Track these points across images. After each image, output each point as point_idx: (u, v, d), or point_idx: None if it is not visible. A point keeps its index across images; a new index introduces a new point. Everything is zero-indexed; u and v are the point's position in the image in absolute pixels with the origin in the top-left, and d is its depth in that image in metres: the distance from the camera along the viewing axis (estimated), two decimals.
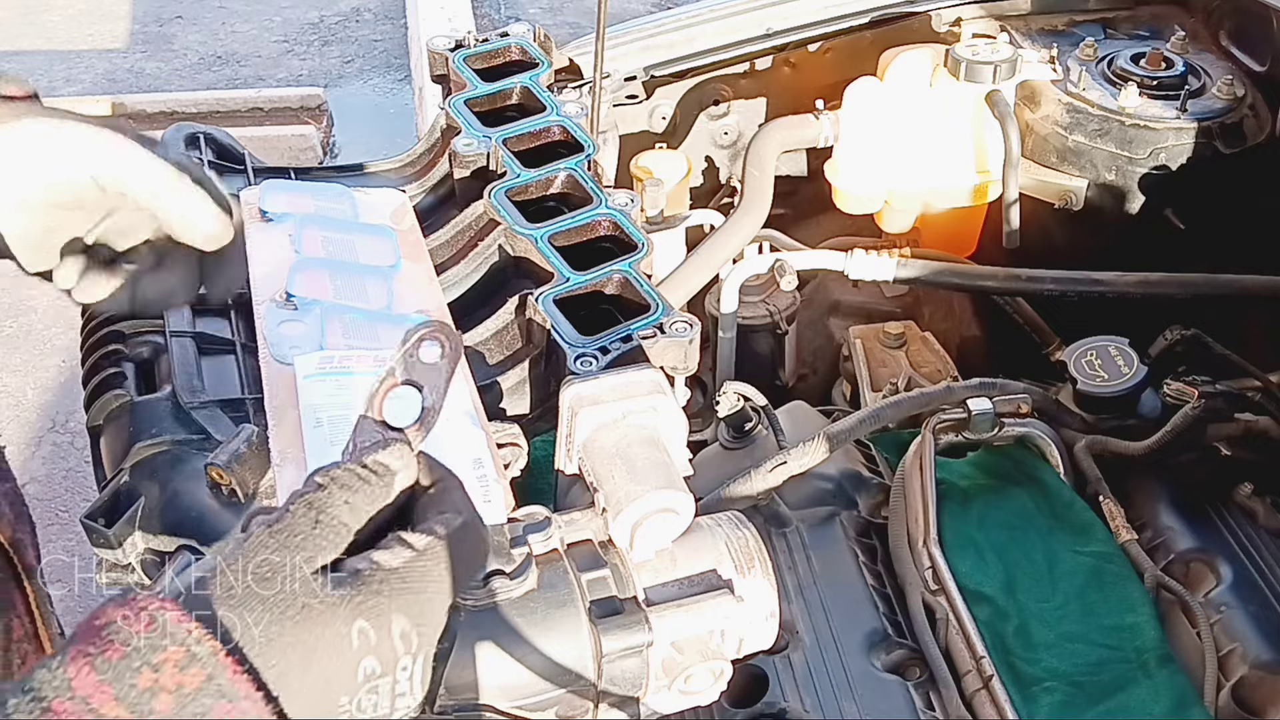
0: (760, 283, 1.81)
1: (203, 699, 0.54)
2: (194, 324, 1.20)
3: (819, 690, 1.23)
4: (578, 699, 0.90)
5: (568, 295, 1.13)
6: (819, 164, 1.95)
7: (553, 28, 2.99)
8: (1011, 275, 1.78)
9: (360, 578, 0.59)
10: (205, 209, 0.83)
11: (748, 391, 1.46)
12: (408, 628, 0.60)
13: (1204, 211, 1.82)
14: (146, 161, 0.81)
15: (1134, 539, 1.41)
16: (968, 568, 1.35)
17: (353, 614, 0.58)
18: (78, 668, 0.54)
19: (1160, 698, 1.25)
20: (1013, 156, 1.81)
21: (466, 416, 0.96)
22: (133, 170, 0.80)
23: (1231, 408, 1.50)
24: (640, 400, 0.96)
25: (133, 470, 1.09)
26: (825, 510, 1.42)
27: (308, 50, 4.94)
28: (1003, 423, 1.48)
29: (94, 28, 4.99)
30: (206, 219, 0.83)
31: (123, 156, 0.80)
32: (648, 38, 1.93)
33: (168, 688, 0.54)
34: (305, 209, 1.20)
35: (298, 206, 1.20)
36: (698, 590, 0.93)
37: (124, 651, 0.54)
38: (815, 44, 2.01)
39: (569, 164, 1.26)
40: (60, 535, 2.79)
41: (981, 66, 1.81)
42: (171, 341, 1.18)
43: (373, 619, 0.58)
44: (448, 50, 1.43)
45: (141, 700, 0.53)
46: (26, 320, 3.52)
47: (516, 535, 0.90)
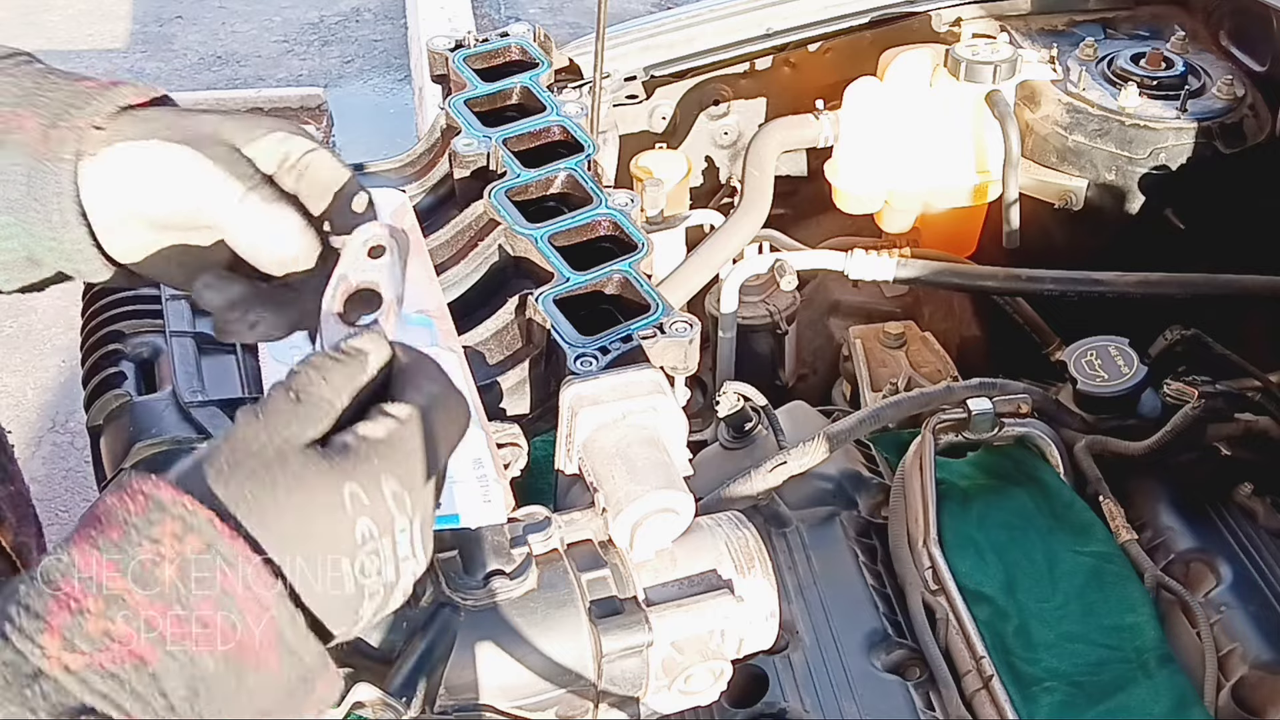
0: (760, 283, 1.81)
1: (205, 564, 0.56)
2: (194, 324, 1.20)
3: (819, 690, 1.23)
4: (578, 699, 0.90)
5: (568, 295, 1.13)
6: (819, 164, 1.95)
7: (553, 28, 2.99)
8: (1011, 275, 1.78)
9: (347, 447, 0.61)
10: (272, 231, 0.73)
11: (748, 391, 1.46)
12: (399, 489, 0.61)
13: (1204, 211, 1.82)
14: (209, 181, 0.73)
15: (1134, 539, 1.41)
16: (968, 568, 1.35)
17: (342, 478, 0.59)
18: (81, 551, 0.55)
19: (1160, 698, 1.25)
20: (1013, 156, 1.81)
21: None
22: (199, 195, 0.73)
23: (1231, 408, 1.51)
24: (640, 400, 0.96)
25: (133, 470, 1.09)
26: (825, 510, 1.42)
27: (308, 50, 4.93)
28: (1003, 423, 1.48)
29: (94, 28, 4.99)
30: (272, 243, 0.73)
31: (190, 181, 0.73)
32: (648, 38, 1.93)
33: (169, 558, 0.55)
34: None
35: None
36: (698, 590, 0.93)
37: (123, 530, 0.56)
38: (815, 44, 2.01)
39: (569, 164, 1.26)
40: (60, 535, 2.79)
41: (981, 66, 1.81)
42: (171, 341, 1.18)
43: (363, 481, 0.60)
44: (448, 50, 1.43)
45: (147, 572, 0.55)
46: (26, 320, 3.52)
47: (516, 535, 0.90)
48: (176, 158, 0.73)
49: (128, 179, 0.74)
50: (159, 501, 0.57)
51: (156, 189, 0.74)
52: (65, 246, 0.75)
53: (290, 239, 0.73)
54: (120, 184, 0.74)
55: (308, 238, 0.74)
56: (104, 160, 0.74)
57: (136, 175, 0.74)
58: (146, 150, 0.74)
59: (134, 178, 0.74)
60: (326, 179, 0.75)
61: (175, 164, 0.73)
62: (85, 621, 0.54)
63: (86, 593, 0.54)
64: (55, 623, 0.53)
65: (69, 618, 0.53)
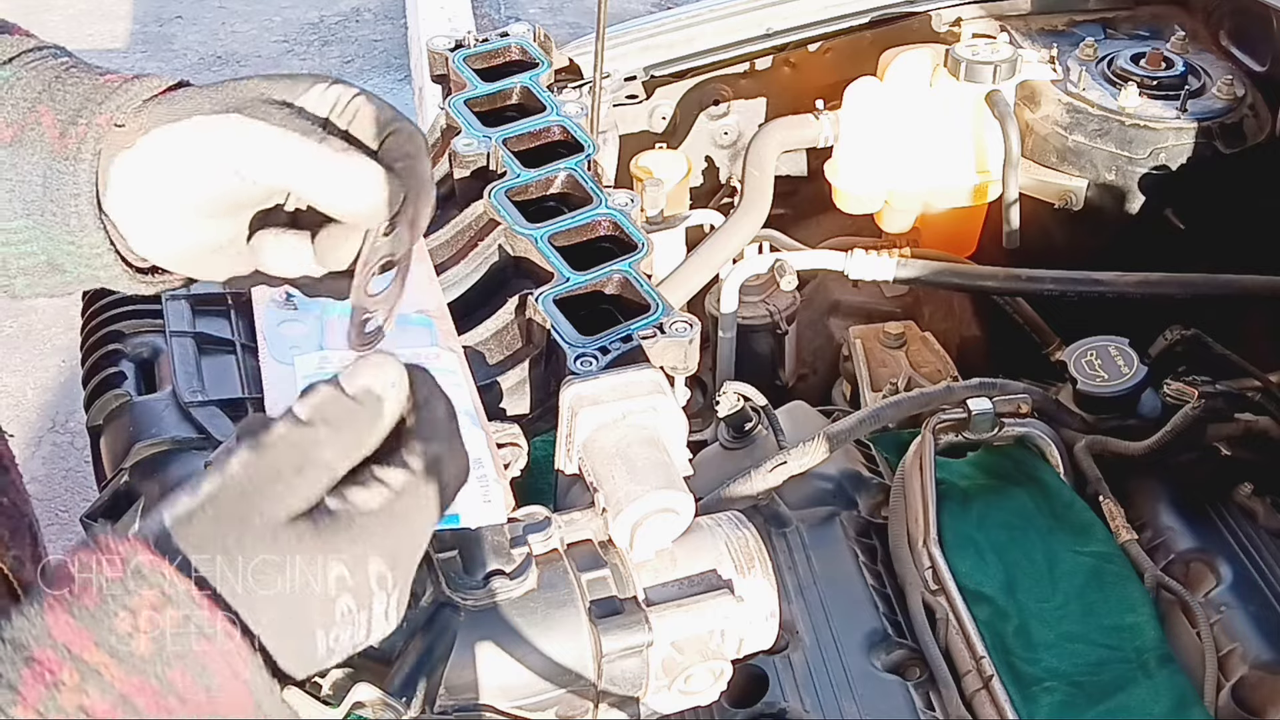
0: (760, 283, 1.81)
1: (182, 639, 0.54)
2: (194, 324, 1.20)
3: (819, 690, 1.23)
4: (578, 699, 0.90)
5: (568, 295, 1.13)
6: (819, 164, 1.95)
7: (553, 28, 2.99)
8: (1011, 275, 1.78)
9: (338, 520, 0.59)
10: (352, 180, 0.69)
11: (748, 391, 1.46)
12: (384, 570, 0.60)
13: (1204, 211, 1.82)
14: (276, 140, 0.68)
15: (1134, 539, 1.41)
16: (968, 568, 1.35)
17: (329, 557, 0.58)
18: (55, 615, 0.53)
19: (1160, 698, 1.25)
20: (1013, 156, 1.81)
21: (466, 416, 0.95)
22: (263, 155, 0.68)
23: (1231, 408, 1.51)
24: (640, 400, 0.96)
25: (133, 470, 1.09)
26: (825, 510, 1.42)
27: (308, 50, 4.93)
28: (1003, 423, 1.48)
29: (94, 28, 4.99)
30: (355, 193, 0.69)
31: (250, 143, 0.68)
32: (648, 38, 1.93)
33: (146, 630, 0.54)
34: None
35: None
36: (698, 590, 0.93)
37: (99, 598, 0.54)
38: (815, 44, 2.01)
39: (569, 164, 1.26)
40: (60, 535, 2.79)
41: (981, 66, 1.81)
42: (171, 341, 1.18)
43: (349, 562, 0.58)
44: (448, 50, 1.43)
45: (122, 644, 0.53)
46: (26, 320, 3.52)
47: (516, 535, 0.90)
48: (226, 128, 0.68)
49: (168, 166, 0.69)
50: (138, 568, 0.54)
51: (202, 169, 0.69)
52: (84, 251, 0.72)
53: (373, 186, 0.69)
54: (158, 174, 0.70)
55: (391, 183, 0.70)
56: (139, 151, 0.69)
57: (178, 159, 0.69)
58: (187, 130, 0.69)
59: (175, 163, 0.69)
60: (377, 120, 0.71)
61: (226, 134, 0.68)
62: (59, 695, 0.52)
63: (61, 663, 0.52)
64: (29, 696, 0.51)
65: (43, 690, 0.52)
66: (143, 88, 0.72)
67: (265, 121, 0.68)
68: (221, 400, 1.12)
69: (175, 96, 0.72)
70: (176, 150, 0.69)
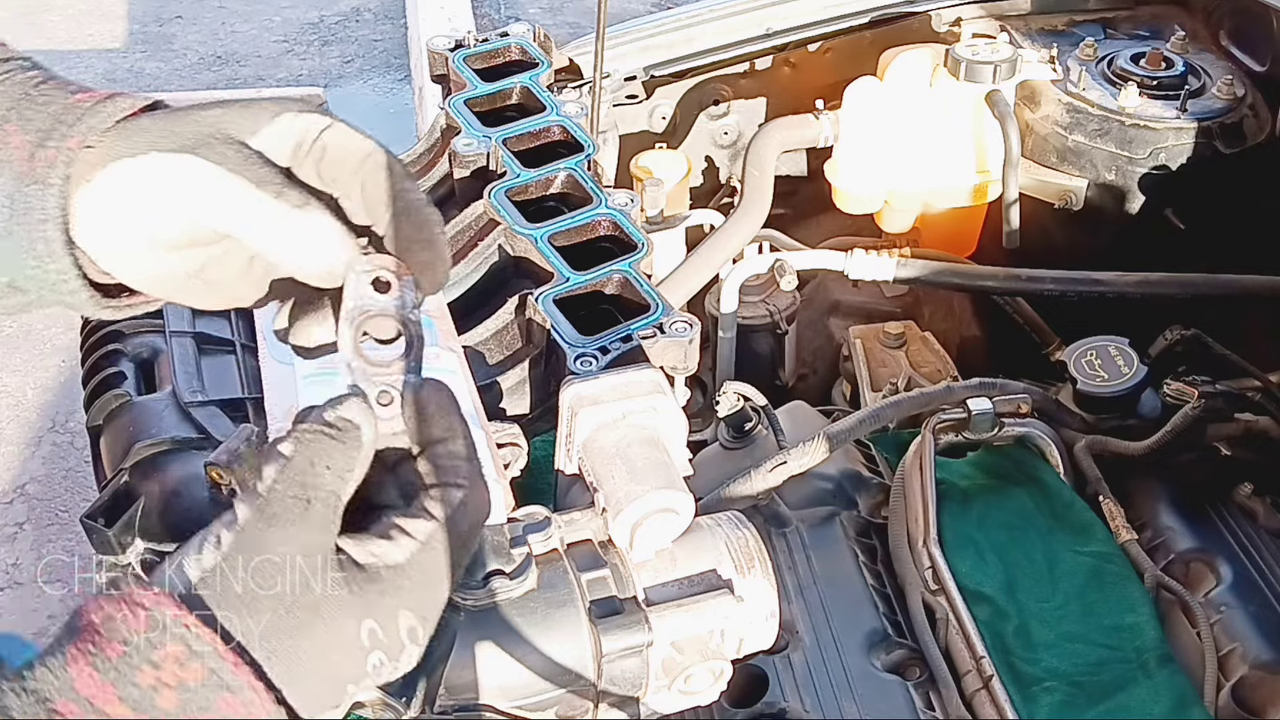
0: (760, 283, 1.81)
1: (206, 693, 0.54)
2: (194, 324, 1.20)
3: (819, 690, 1.23)
4: (578, 699, 0.90)
5: (568, 295, 1.13)
6: (819, 164, 1.95)
7: (553, 28, 2.99)
8: (1011, 275, 1.78)
9: (366, 574, 0.58)
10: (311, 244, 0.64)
11: (748, 391, 1.46)
12: (414, 623, 0.60)
13: (1204, 211, 1.82)
14: (228, 190, 0.64)
15: (1134, 539, 1.41)
16: (968, 568, 1.35)
17: (362, 614, 0.58)
18: (79, 668, 0.53)
19: (1160, 698, 1.25)
20: (1013, 156, 1.81)
21: (466, 416, 0.96)
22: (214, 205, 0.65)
23: (1231, 408, 1.51)
24: (640, 400, 0.96)
25: (133, 470, 1.09)
26: (825, 510, 1.42)
27: (308, 50, 4.93)
28: (1003, 423, 1.48)
29: (94, 28, 4.98)
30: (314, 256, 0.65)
31: (201, 191, 0.65)
32: (648, 38, 1.93)
33: (170, 684, 0.53)
34: None
35: None
36: (698, 590, 0.93)
37: (123, 650, 0.53)
38: (815, 44, 2.01)
39: (569, 164, 1.26)
40: (60, 535, 2.80)
41: (981, 66, 1.81)
42: (171, 341, 1.18)
43: (381, 618, 0.58)
44: (448, 50, 1.43)
45: (145, 698, 0.53)
46: (26, 320, 3.52)
47: (516, 535, 0.90)
48: (180, 170, 0.65)
49: (129, 201, 0.66)
50: (161, 621, 0.54)
51: (164, 208, 0.66)
52: (50, 277, 0.68)
53: (333, 249, 0.65)
54: (121, 208, 0.66)
55: (350, 242, 0.65)
56: (99, 185, 0.66)
57: (138, 196, 0.66)
58: (145, 166, 0.65)
59: (136, 199, 0.66)
60: (349, 157, 0.67)
61: (180, 177, 0.65)
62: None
63: (84, 717, 0.52)
64: None
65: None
66: (115, 108, 0.68)
67: (221, 166, 0.65)
68: (221, 400, 1.12)
69: (139, 126, 0.68)
70: (134, 188, 0.66)
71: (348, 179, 0.67)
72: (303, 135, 0.67)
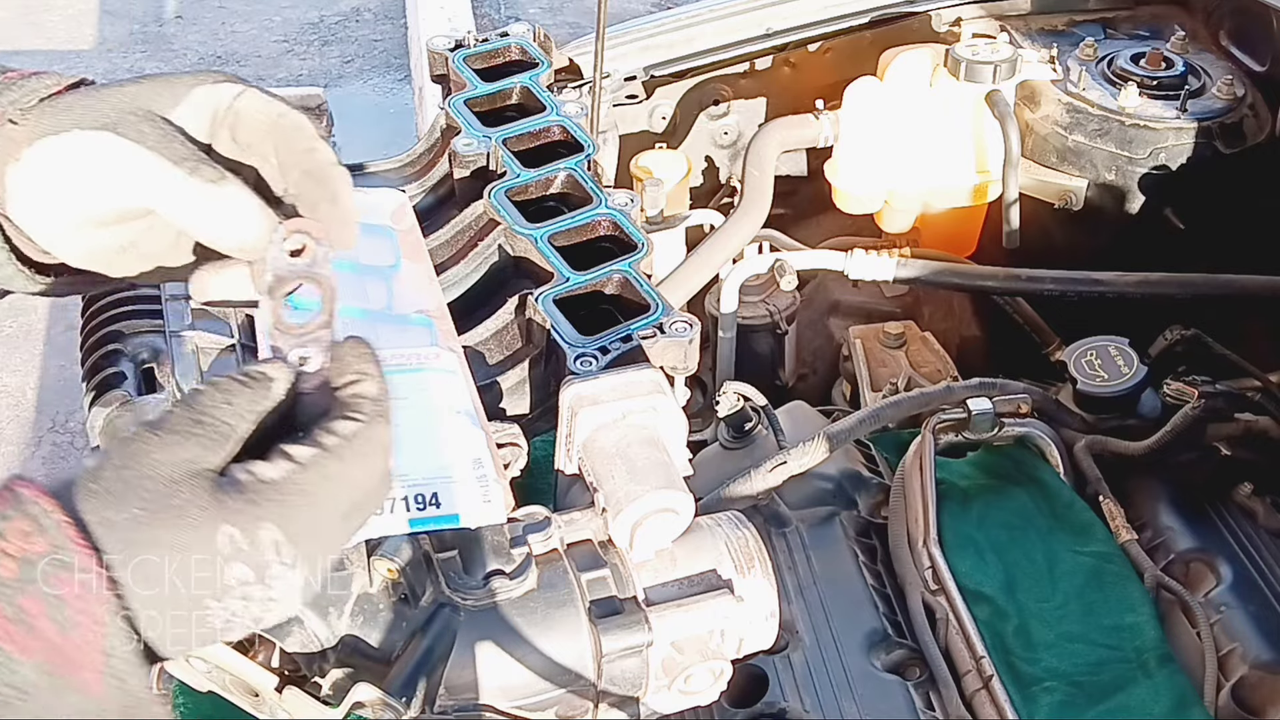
0: (760, 283, 1.81)
1: (43, 566, 0.54)
2: (194, 325, 1.20)
3: (819, 690, 1.23)
4: (578, 699, 0.90)
5: (568, 295, 1.12)
6: (819, 164, 1.95)
7: (553, 28, 2.99)
8: (1011, 275, 1.78)
9: (235, 485, 0.59)
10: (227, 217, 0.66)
11: (748, 391, 1.46)
12: (280, 538, 0.59)
13: (1204, 211, 1.82)
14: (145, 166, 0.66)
15: (1134, 539, 1.41)
16: (968, 568, 1.35)
17: (220, 518, 0.57)
18: None
19: (1160, 698, 1.25)
20: (1013, 156, 1.81)
21: (466, 416, 0.96)
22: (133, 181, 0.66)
23: (1231, 408, 1.51)
24: (640, 400, 0.96)
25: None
26: (825, 510, 1.42)
27: (308, 50, 4.93)
28: (1003, 423, 1.48)
29: (94, 28, 4.99)
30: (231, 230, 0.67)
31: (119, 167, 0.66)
32: (648, 38, 1.93)
33: (12, 554, 0.54)
34: None
35: None
36: (698, 590, 0.93)
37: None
38: (815, 44, 2.01)
39: (569, 164, 1.26)
40: None
41: (981, 66, 1.81)
42: (171, 341, 1.18)
43: (242, 525, 0.58)
44: (448, 50, 1.43)
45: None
46: (26, 320, 3.52)
47: (516, 535, 0.90)
48: (99, 147, 0.66)
49: (56, 179, 0.67)
50: (19, 498, 0.55)
51: (89, 185, 0.67)
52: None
53: (249, 222, 0.66)
54: (49, 185, 0.67)
55: (265, 215, 0.67)
56: (27, 163, 0.67)
57: (61, 174, 0.67)
58: (66, 145, 0.67)
59: (62, 176, 0.67)
60: (260, 122, 0.68)
61: (100, 154, 0.66)
62: None
63: None
64: None
65: None
66: (39, 84, 0.69)
67: (138, 144, 0.66)
68: None
69: (63, 103, 0.68)
70: (58, 164, 0.67)
71: (261, 144, 0.68)
72: (217, 105, 0.68)
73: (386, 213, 1.25)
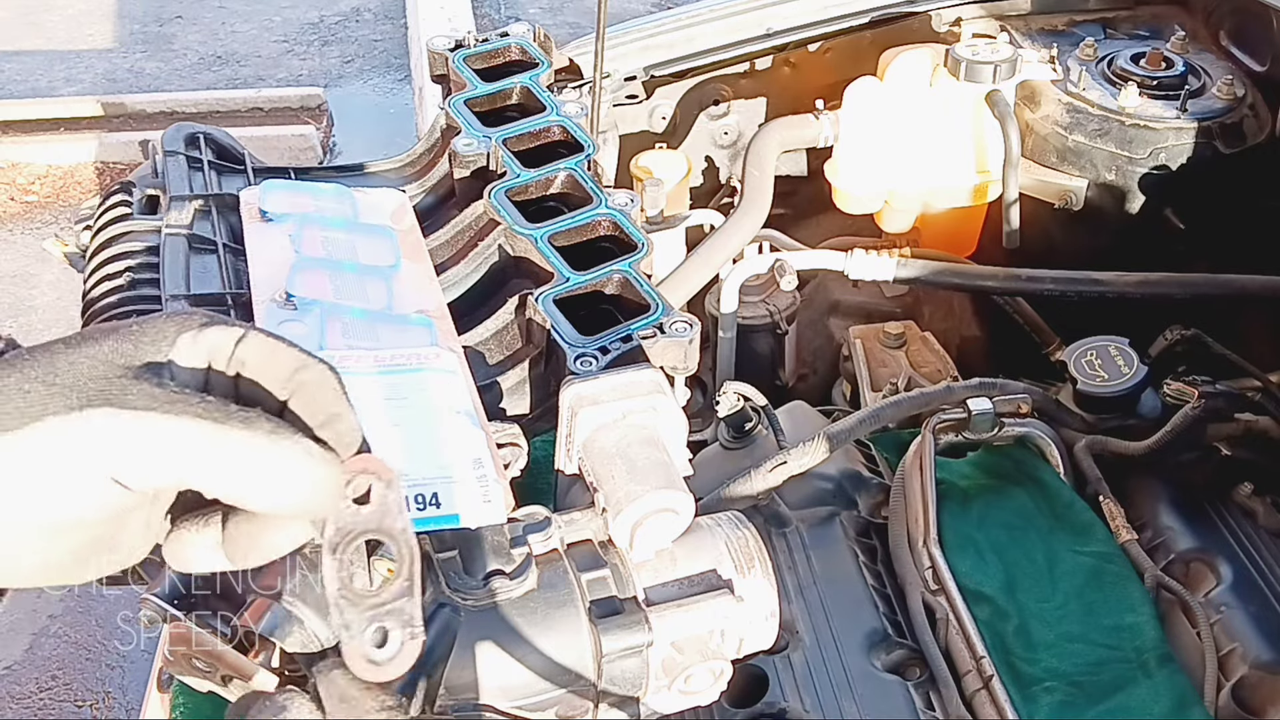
0: (760, 283, 1.81)
1: None
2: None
3: (819, 690, 1.23)
4: (578, 699, 0.90)
5: (568, 295, 1.13)
6: (819, 164, 1.95)
7: (553, 28, 2.99)
8: (1011, 275, 1.78)
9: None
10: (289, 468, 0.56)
11: (748, 391, 1.46)
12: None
13: (1204, 211, 1.83)
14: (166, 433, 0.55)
15: (1134, 539, 1.41)
16: (968, 568, 1.35)
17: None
18: None
19: (1160, 698, 1.25)
20: (1013, 156, 1.81)
21: (466, 416, 0.96)
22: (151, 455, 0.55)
23: (1231, 408, 1.51)
24: (640, 400, 0.96)
25: None
26: (825, 510, 1.42)
27: (308, 50, 4.94)
28: (1003, 423, 1.48)
29: (94, 28, 4.99)
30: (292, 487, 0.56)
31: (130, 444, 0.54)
32: (648, 38, 1.93)
33: None
34: (305, 209, 1.20)
35: (297, 206, 1.20)
36: (698, 590, 0.93)
37: None
38: (815, 44, 2.01)
39: (569, 164, 1.26)
40: None
41: (981, 66, 1.81)
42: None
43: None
44: (448, 50, 1.43)
45: None
46: (27, 320, 3.52)
47: (516, 535, 0.90)
48: (93, 432, 0.54)
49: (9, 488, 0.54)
50: None
51: (62, 486, 0.54)
52: None
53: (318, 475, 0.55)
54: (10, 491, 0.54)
55: (333, 463, 0.56)
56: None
57: (27, 480, 0.54)
58: (37, 442, 0.54)
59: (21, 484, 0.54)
60: (276, 376, 0.58)
61: (97, 439, 0.54)
62: None
63: None
64: None
65: None
66: None
67: (151, 410, 0.54)
68: None
69: (5, 388, 0.55)
70: (24, 470, 0.54)
71: (269, 400, 0.58)
72: (212, 353, 0.58)
73: (386, 213, 1.25)
